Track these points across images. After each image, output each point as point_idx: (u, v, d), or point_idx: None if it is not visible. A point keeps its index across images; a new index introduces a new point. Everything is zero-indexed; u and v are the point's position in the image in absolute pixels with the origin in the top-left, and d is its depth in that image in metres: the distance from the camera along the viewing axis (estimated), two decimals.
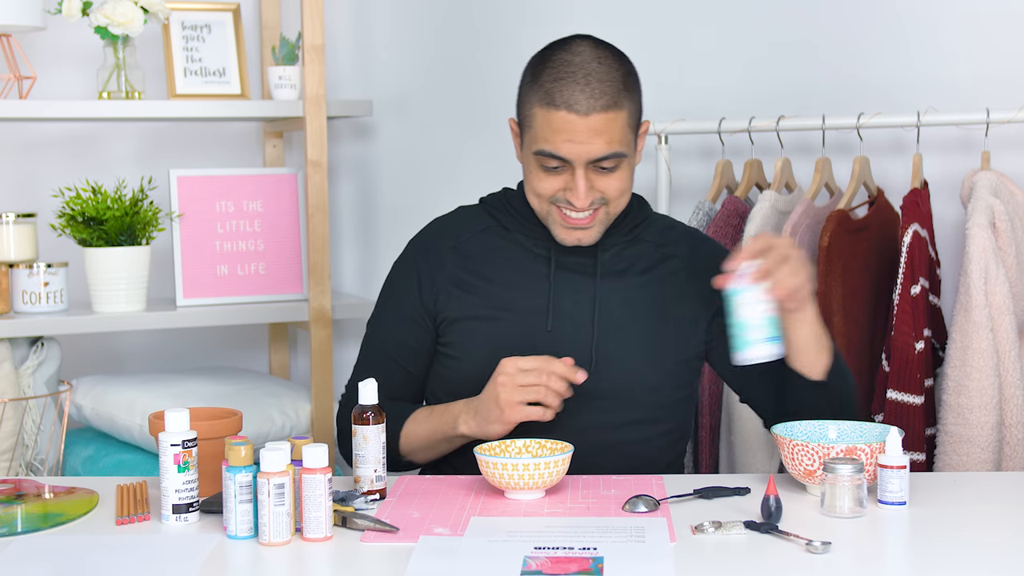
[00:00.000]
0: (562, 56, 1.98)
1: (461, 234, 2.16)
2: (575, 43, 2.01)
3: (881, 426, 1.98)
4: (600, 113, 1.95)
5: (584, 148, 1.96)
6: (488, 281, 2.11)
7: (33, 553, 1.68)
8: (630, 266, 2.12)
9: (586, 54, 1.98)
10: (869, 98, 2.77)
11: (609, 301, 2.10)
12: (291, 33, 3.20)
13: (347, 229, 3.46)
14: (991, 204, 2.46)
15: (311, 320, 2.99)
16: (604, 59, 1.98)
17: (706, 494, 1.88)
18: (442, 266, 2.13)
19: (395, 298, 2.18)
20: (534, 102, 1.99)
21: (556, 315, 2.08)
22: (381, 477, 1.90)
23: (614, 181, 2.01)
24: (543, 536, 1.69)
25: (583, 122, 1.95)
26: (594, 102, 1.95)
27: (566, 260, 2.11)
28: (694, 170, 3.02)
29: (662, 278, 2.13)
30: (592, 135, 1.96)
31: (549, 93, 1.96)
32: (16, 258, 2.82)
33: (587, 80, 1.95)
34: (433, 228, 2.21)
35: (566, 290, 2.10)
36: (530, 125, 2.01)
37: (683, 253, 2.15)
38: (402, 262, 2.20)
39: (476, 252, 2.14)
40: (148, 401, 2.77)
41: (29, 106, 2.80)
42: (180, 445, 1.78)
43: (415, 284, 2.15)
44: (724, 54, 2.99)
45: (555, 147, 1.97)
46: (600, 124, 1.95)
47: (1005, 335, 2.43)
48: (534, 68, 2.02)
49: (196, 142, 3.29)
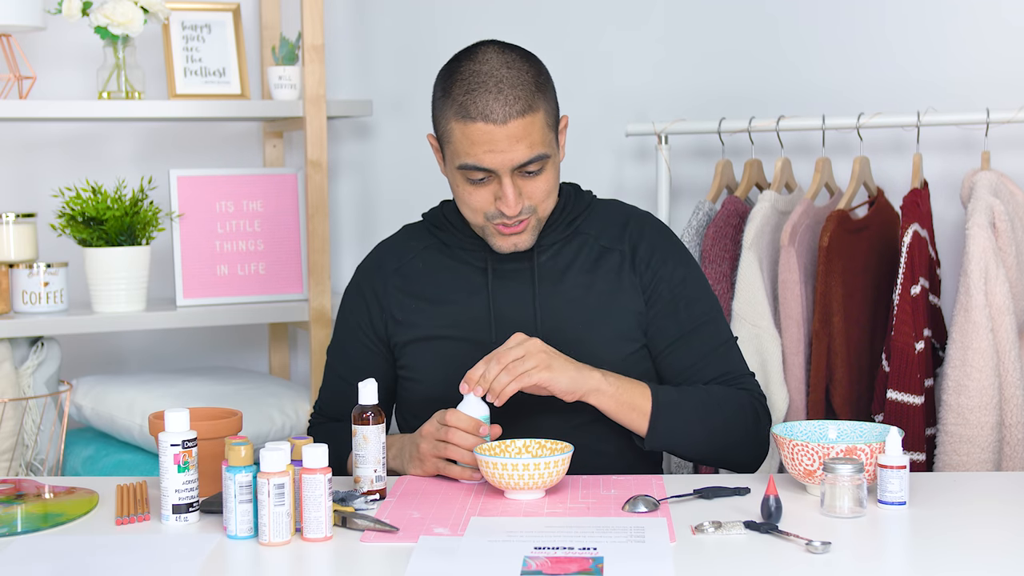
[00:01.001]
0: (469, 67, 1.97)
1: (404, 255, 2.17)
2: (480, 51, 1.99)
3: (881, 426, 1.98)
4: (517, 119, 1.94)
5: (507, 156, 1.95)
6: (432, 301, 2.12)
7: (33, 553, 1.68)
8: (569, 265, 2.11)
9: (493, 61, 1.97)
10: (869, 98, 2.77)
11: (550, 304, 2.09)
12: (291, 33, 3.20)
13: (347, 229, 3.46)
14: (991, 204, 2.46)
15: (311, 320, 2.99)
16: (512, 63, 1.97)
17: (706, 494, 1.88)
18: (387, 292, 2.15)
19: (349, 327, 2.20)
20: (449, 117, 1.97)
21: (499, 325, 2.08)
22: (381, 477, 1.90)
23: (540, 184, 2.01)
24: (543, 536, 1.69)
25: (501, 131, 1.94)
26: (509, 108, 1.93)
27: (504, 268, 2.11)
28: (694, 170, 3.02)
29: (603, 274, 2.11)
30: (513, 142, 1.95)
31: (463, 106, 1.95)
32: (16, 258, 2.82)
33: (499, 88, 1.94)
34: (377, 254, 2.22)
35: (507, 298, 2.09)
36: (449, 140, 1.99)
37: (623, 245, 2.12)
38: (350, 291, 2.22)
39: (418, 273, 2.15)
40: (148, 401, 2.77)
41: (29, 106, 2.80)
42: (180, 445, 1.78)
43: (364, 312, 2.17)
44: (725, 54, 2.99)
45: (477, 159, 1.96)
46: (519, 130, 1.94)
47: (1005, 335, 2.43)
48: (444, 82, 2.00)
49: (196, 142, 3.29)
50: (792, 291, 2.58)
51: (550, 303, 2.09)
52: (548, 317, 2.08)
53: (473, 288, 2.11)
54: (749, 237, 2.59)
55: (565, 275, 2.11)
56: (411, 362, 2.14)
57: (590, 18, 3.12)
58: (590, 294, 2.10)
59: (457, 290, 2.11)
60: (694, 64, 3.02)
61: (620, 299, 2.10)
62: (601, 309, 2.10)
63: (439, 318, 2.11)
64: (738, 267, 2.60)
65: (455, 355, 2.08)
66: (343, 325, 2.22)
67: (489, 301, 2.09)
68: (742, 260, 2.59)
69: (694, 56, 3.02)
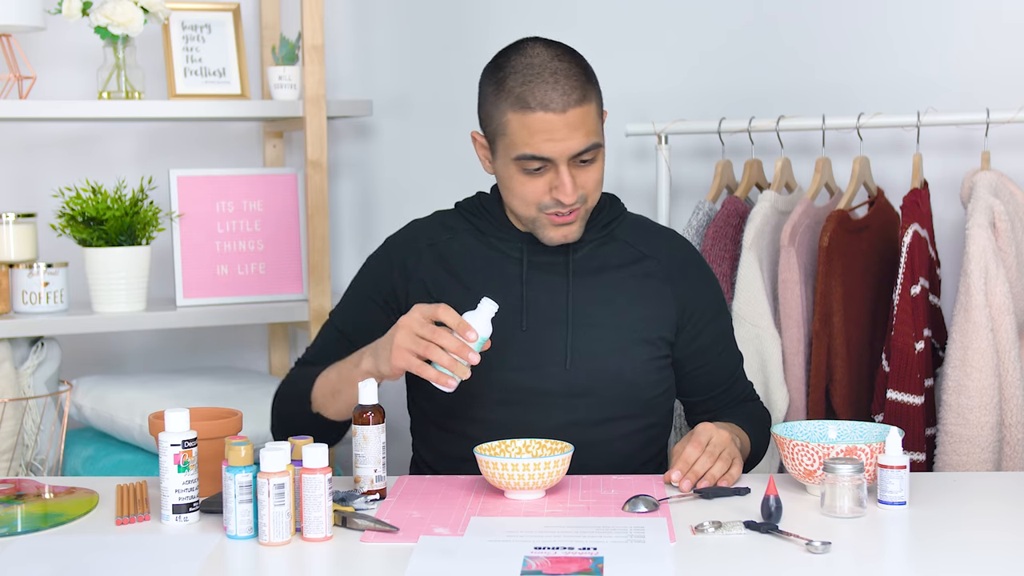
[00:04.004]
0: (521, 60, 2.00)
1: (439, 235, 2.17)
2: (528, 46, 2.02)
3: (881, 426, 1.98)
4: (575, 107, 1.97)
5: (566, 144, 1.98)
6: (463, 283, 2.11)
7: (33, 553, 1.68)
8: (604, 264, 2.13)
9: (543, 54, 2.00)
10: (869, 98, 2.77)
11: (583, 299, 2.10)
12: (291, 33, 3.20)
13: (347, 229, 3.46)
14: (991, 204, 2.46)
15: (311, 320, 3.00)
16: (562, 56, 2.00)
17: (706, 494, 1.88)
18: (419, 263, 2.14)
19: (366, 288, 2.17)
20: (505, 109, 1.99)
21: (530, 314, 2.09)
22: (381, 477, 1.90)
23: (593, 173, 2.03)
24: (543, 536, 1.69)
25: (561, 119, 1.96)
26: (567, 98, 1.96)
27: (539, 260, 2.12)
28: (694, 170, 3.02)
29: (637, 276, 2.13)
30: (571, 130, 1.97)
31: (521, 97, 1.97)
32: (16, 258, 2.82)
33: (555, 78, 1.97)
34: (411, 228, 2.22)
35: (540, 289, 2.10)
36: (504, 132, 2.01)
37: (660, 255, 2.16)
38: (377, 256, 2.20)
39: (453, 253, 2.15)
40: (148, 401, 2.77)
41: (29, 106, 2.80)
42: (180, 445, 1.78)
43: (387, 277, 2.15)
44: (725, 54, 2.99)
45: (536, 148, 1.98)
46: (576, 118, 1.97)
47: (1005, 335, 2.43)
48: (494, 76, 2.03)
49: (196, 142, 3.29)
50: (792, 291, 2.58)
51: (583, 297, 2.10)
52: (580, 311, 2.09)
53: (507, 277, 2.11)
54: (749, 237, 2.59)
55: (600, 273, 2.12)
56: None
57: (590, 18, 3.12)
58: (622, 295, 2.12)
59: (490, 276, 2.11)
60: (694, 64, 3.02)
61: (652, 305, 2.13)
62: (632, 311, 2.11)
63: (469, 302, 2.06)
64: (738, 267, 2.60)
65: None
66: (359, 286, 2.19)
67: (522, 289, 2.10)
68: (742, 260, 2.59)
69: (694, 56, 3.02)
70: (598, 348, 2.08)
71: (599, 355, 2.08)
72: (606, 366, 2.08)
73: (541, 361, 2.08)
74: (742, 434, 2.12)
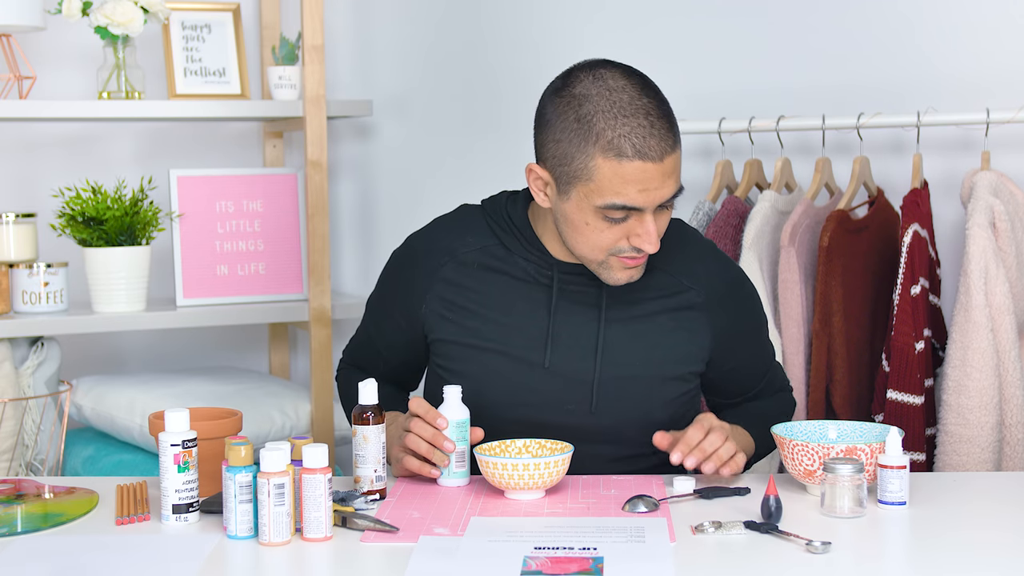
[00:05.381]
0: (605, 94, 1.82)
1: (460, 246, 2.03)
2: (607, 74, 1.85)
3: (881, 426, 1.98)
4: (671, 154, 1.83)
5: (659, 193, 1.83)
6: (483, 306, 2.00)
7: (33, 553, 1.68)
8: (641, 295, 1.99)
9: (629, 88, 1.83)
10: (869, 98, 2.77)
11: (613, 334, 1.98)
12: (291, 33, 3.20)
13: (347, 229, 3.46)
14: (991, 204, 2.46)
15: (311, 320, 2.99)
16: (645, 89, 1.84)
17: (706, 494, 1.88)
18: (434, 282, 2.02)
19: (388, 299, 2.10)
20: (594, 153, 1.81)
21: (555, 349, 1.97)
22: (381, 477, 1.90)
23: (668, 215, 1.91)
24: (543, 536, 1.69)
25: (659, 168, 1.81)
26: (665, 144, 1.81)
27: (570, 289, 1.98)
28: (694, 170, 3.02)
29: (673, 308, 2.01)
30: (665, 178, 1.83)
31: (616, 144, 1.80)
32: (16, 258, 2.82)
33: (650, 120, 1.81)
34: (433, 232, 2.08)
35: (567, 322, 1.98)
36: (590, 178, 1.82)
37: (699, 284, 2.03)
38: (400, 263, 2.10)
39: (474, 271, 2.01)
40: (148, 401, 2.78)
41: (29, 106, 2.80)
42: (180, 445, 1.78)
43: (407, 293, 2.05)
44: (725, 54, 2.99)
45: (629, 199, 1.82)
46: (672, 165, 1.83)
47: (1005, 335, 2.43)
48: (575, 112, 1.83)
49: (196, 142, 3.29)
50: (792, 291, 2.58)
51: (614, 332, 1.98)
52: (610, 349, 1.97)
53: (533, 302, 1.98)
54: (749, 237, 2.59)
55: (634, 305, 1.99)
56: (451, 364, 2.02)
57: (590, 18, 3.12)
58: (656, 328, 2.00)
59: (515, 302, 1.99)
60: (694, 64, 3.02)
61: (687, 340, 2.01)
62: (665, 346, 2.00)
63: (490, 329, 1.99)
64: None
65: (501, 370, 1.99)
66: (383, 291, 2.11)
67: (549, 321, 1.97)
68: (742, 260, 2.59)
69: (694, 56, 3.02)
70: (627, 391, 1.98)
71: (627, 398, 1.99)
72: (634, 408, 2.00)
73: (565, 400, 1.99)
74: (745, 435, 2.06)
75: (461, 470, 1.94)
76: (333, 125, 3.37)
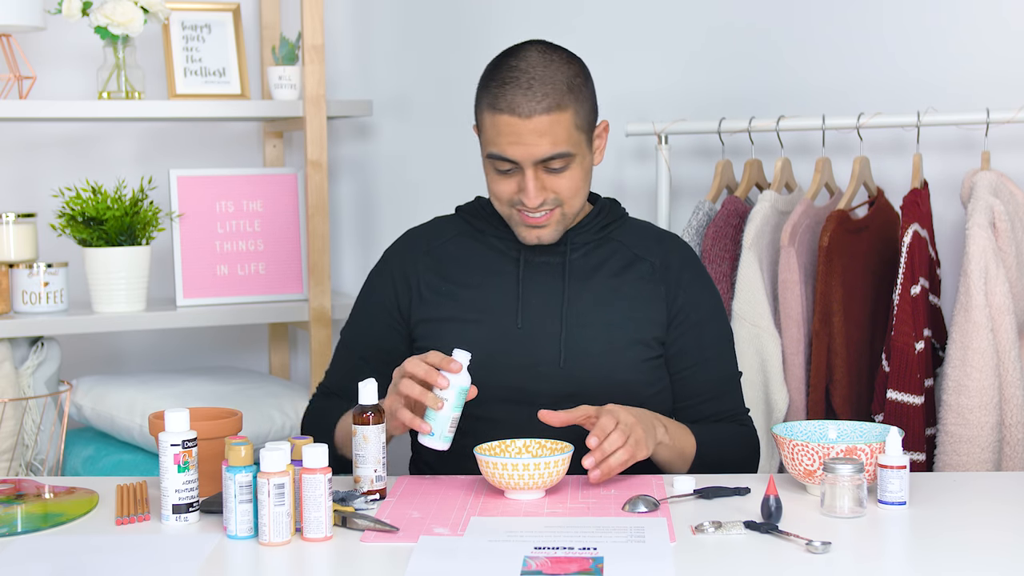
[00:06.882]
0: (508, 62, 2.05)
1: (434, 240, 2.22)
2: (524, 49, 2.07)
3: (881, 426, 1.98)
4: (543, 115, 2.01)
5: (528, 149, 2.02)
6: (461, 284, 2.16)
7: (33, 553, 1.68)
8: (600, 265, 2.16)
9: (532, 59, 2.04)
10: (869, 98, 2.77)
11: (578, 299, 2.13)
12: (291, 33, 3.20)
13: (347, 229, 3.46)
14: (991, 204, 2.46)
15: (311, 320, 2.99)
16: (550, 63, 2.04)
17: (706, 494, 1.88)
18: (416, 271, 2.19)
19: (371, 303, 2.23)
20: (483, 107, 2.07)
21: (525, 313, 2.12)
22: (381, 477, 1.90)
23: (565, 180, 2.07)
24: (543, 536, 1.69)
25: (525, 124, 2.01)
26: (535, 105, 2.01)
27: (535, 260, 2.16)
28: (694, 170, 3.02)
29: (632, 280, 2.16)
30: (536, 136, 2.02)
31: (495, 98, 2.03)
32: (16, 258, 2.82)
33: (529, 84, 2.01)
34: (407, 237, 2.26)
35: (535, 289, 2.14)
36: (482, 129, 2.09)
37: (655, 257, 2.18)
38: (378, 269, 2.25)
39: (450, 256, 2.19)
40: (148, 401, 2.77)
41: (29, 106, 2.80)
42: (180, 445, 1.78)
43: (391, 289, 2.20)
44: (725, 54, 2.99)
45: (502, 149, 2.04)
46: (543, 126, 2.01)
47: (1005, 335, 2.43)
48: (486, 75, 2.09)
49: (196, 142, 3.29)
50: (792, 291, 2.58)
51: (578, 297, 2.13)
52: (574, 312, 2.12)
53: (503, 276, 2.16)
54: (749, 237, 2.59)
55: (595, 275, 2.16)
56: (430, 343, 2.12)
57: (591, 19, 3.12)
58: (617, 296, 2.15)
59: (486, 276, 2.16)
60: (694, 64, 3.02)
61: (645, 306, 2.15)
62: (626, 312, 2.14)
63: (465, 302, 2.15)
64: (738, 267, 2.60)
65: (477, 339, 2.09)
66: (364, 303, 2.25)
67: (519, 289, 2.14)
68: (742, 260, 2.59)
69: (694, 56, 3.02)
70: (591, 348, 2.10)
71: (592, 354, 2.10)
72: (599, 365, 2.10)
73: (536, 360, 2.10)
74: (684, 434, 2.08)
75: (449, 435, 1.92)
76: (333, 125, 3.37)
